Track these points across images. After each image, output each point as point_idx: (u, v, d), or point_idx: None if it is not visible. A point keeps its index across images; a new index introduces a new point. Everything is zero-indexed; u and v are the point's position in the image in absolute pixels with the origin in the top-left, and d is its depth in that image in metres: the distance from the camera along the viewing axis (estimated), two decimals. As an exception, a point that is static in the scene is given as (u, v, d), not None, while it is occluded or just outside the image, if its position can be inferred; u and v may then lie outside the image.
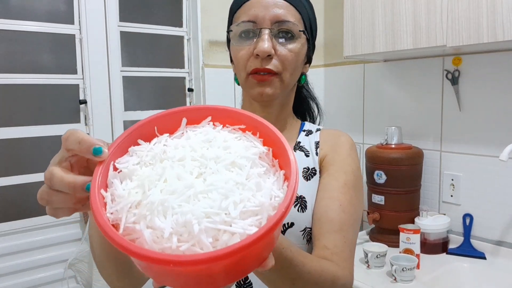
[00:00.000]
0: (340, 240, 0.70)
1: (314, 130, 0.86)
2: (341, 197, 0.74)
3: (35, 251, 1.59)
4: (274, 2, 0.74)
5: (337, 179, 0.76)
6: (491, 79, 1.49)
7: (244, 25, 0.74)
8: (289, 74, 0.76)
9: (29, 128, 1.61)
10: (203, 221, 0.35)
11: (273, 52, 0.72)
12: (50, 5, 1.65)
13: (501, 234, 1.50)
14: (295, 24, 0.75)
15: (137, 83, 1.90)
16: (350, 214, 0.73)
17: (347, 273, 0.68)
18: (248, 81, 0.76)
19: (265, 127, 0.44)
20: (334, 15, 2.06)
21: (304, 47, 0.78)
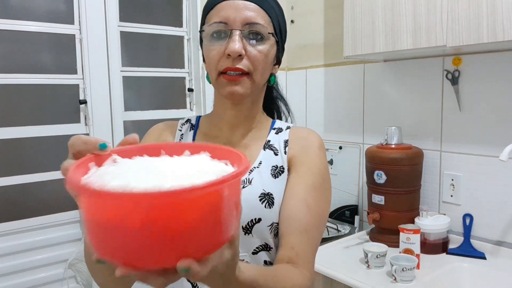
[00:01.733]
0: (305, 241, 0.74)
1: (284, 128, 0.89)
2: (309, 199, 0.77)
3: (35, 251, 1.59)
4: (245, 5, 0.77)
5: (305, 179, 0.79)
6: (491, 79, 1.49)
7: (216, 26, 0.77)
8: (259, 74, 0.79)
9: (29, 128, 1.61)
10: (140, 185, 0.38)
11: (243, 53, 0.75)
12: (50, 5, 1.65)
13: (501, 234, 1.50)
14: (265, 27, 0.78)
15: (137, 83, 1.90)
16: (317, 216, 0.77)
17: (310, 277, 0.73)
18: (219, 80, 0.78)
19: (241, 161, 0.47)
20: (334, 15, 2.06)
21: (273, 48, 0.81)
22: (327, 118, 2.14)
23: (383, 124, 1.80)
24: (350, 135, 2.01)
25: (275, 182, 0.80)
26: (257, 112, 0.87)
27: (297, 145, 0.84)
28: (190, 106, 2.06)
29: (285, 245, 0.73)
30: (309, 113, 2.23)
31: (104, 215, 0.38)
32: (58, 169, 0.48)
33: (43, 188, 1.62)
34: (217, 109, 0.87)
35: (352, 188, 2.02)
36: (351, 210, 2.00)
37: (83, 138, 0.50)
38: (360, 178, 1.98)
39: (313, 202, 0.77)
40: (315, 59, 2.18)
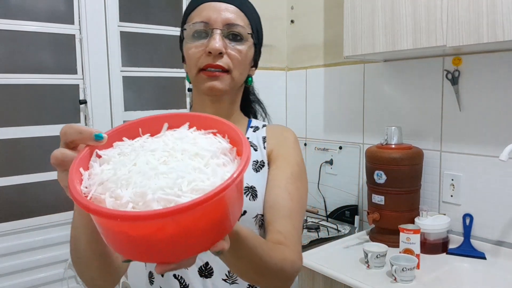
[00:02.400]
0: (290, 225, 0.78)
1: (260, 126, 0.94)
2: (289, 187, 0.82)
3: (35, 251, 1.59)
4: (226, 7, 0.82)
5: (284, 170, 0.84)
6: (491, 79, 1.49)
7: (198, 25, 0.80)
8: (238, 72, 0.83)
9: (29, 128, 1.61)
10: (157, 193, 0.40)
11: (224, 50, 0.79)
12: (50, 5, 1.65)
13: (501, 234, 1.50)
14: (244, 28, 0.82)
15: (137, 83, 1.90)
16: (298, 201, 0.82)
17: (299, 256, 0.77)
18: (199, 76, 0.81)
19: (232, 130, 0.50)
20: (334, 15, 2.06)
21: (251, 49, 0.85)
22: (327, 118, 2.13)
23: (383, 124, 1.80)
24: (350, 135, 2.01)
25: (257, 175, 0.85)
26: (235, 111, 0.91)
27: (275, 140, 0.90)
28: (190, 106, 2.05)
29: (272, 230, 0.77)
30: (309, 113, 2.23)
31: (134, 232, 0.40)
32: (58, 169, 0.48)
33: (43, 188, 1.62)
34: (196, 108, 0.90)
35: (352, 188, 2.02)
36: (351, 210, 2.00)
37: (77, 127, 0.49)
38: (360, 178, 1.98)
39: (293, 190, 0.82)
40: (315, 59, 2.18)
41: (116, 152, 0.48)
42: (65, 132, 0.49)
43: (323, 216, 2.13)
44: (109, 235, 0.43)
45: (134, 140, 0.50)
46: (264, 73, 2.23)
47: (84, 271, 0.69)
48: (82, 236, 0.63)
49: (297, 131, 2.30)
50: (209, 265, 0.82)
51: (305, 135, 2.26)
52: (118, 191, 0.41)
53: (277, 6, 2.30)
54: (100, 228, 0.44)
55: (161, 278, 0.85)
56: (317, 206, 2.20)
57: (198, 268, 0.82)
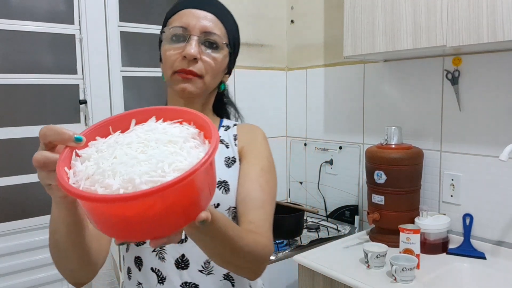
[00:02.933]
0: (262, 215, 0.83)
1: (231, 125, 1.00)
2: (260, 180, 0.88)
3: (35, 251, 1.59)
4: (205, 15, 0.86)
5: (254, 165, 0.90)
6: (491, 79, 1.49)
7: (176, 30, 0.86)
8: (210, 78, 0.87)
9: (29, 128, 1.61)
10: (143, 177, 0.45)
11: (198, 56, 0.84)
12: (50, 5, 1.65)
13: (501, 234, 1.50)
14: (221, 37, 0.87)
15: (137, 83, 1.90)
16: (268, 193, 0.88)
17: (271, 242, 0.82)
18: (173, 78, 0.86)
19: (198, 117, 0.55)
20: (334, 15, 2.06)
21: (226, 58, 0.90)
22: (327, 118, 2.13)
23: (383, 124, 1.80)
24: (350, 135, 2.01)
25: (229, 171, 0.91)
26: (207, 112, 0.97)
27: (245, 138, 0.96)
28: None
29: (244, 221, 0.82)
30: (309, 113, 2.23)
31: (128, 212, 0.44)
32: (58, 169, 0.50)
33: (43, 188, 1.62)
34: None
35: (352, 188, 2.02)
36: (351, 210, 2.00)
37: (56, 128, 0.52)
38: (360, 178, 1.98)
39: (264, 182, 0.88)
40: (315, 59, 2.18)
41: (94, 150, 0.51)
42: (44, 133, 0.53)
43: (323, 216, 2.13)
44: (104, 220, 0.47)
45: (107, 138, 0.54)
46: (264, 73, 2.23)
47: (64, 263, 0.71)
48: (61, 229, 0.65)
49: (297, 131, 2.31)
50: (185, 257, 0.85)
51: (305, 135, 2.26)
52: (106, 181, 0.45)
53: (277, 6, 2.30)
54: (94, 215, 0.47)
55: (139, 272, 0.88)
56: (317, 206, 2.20)
57: (174, 260, 0.85)
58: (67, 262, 0.70)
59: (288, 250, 1.72)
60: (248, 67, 2.15)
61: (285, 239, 1.77)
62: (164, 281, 0.85)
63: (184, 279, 0.85)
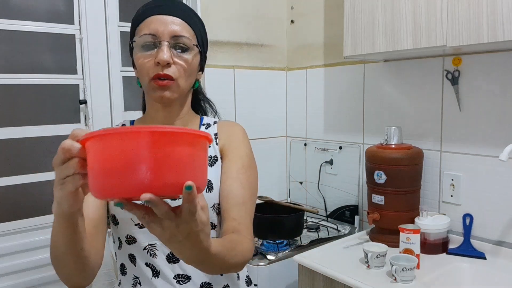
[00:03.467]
0: (243, 211, 0.89)
1: (212, 123, 1.03)
2: (241, 177, 0.93)
3: (35, 251, 1.59)
4: (172, 20, 0.90)
5: (235, 163, 0.95)
6: (491, 79, 1.49)
7: (146, 38, 0.88)
8: (184, 80, 0.91)
9: (29, 128, 1.61)
10: None
11: (171, 61, 0.87)
12: (50, 5, 1.65)
13: (501, 234, 1.50)
14: (189, 39, 0.90)
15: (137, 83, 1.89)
16: (249, 189, 0.93)
17: (252, 242, 0.87)
18: (150, 85, 0.90)
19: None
20: (334, 15, 2.06)
21: (197, 57, 0.93)
22: (327, 118, 2.14)
23: (383, 124, 1.80)
24: (350, 135, 2.01)
25: (211, 170, 0.95)
26: (186, 112, 1.00)
27: (225, 136, 0.99)
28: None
29: (227, 218, 0.87)
30: (309, 113, 2.23)
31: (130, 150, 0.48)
32: (58, 169, 0.49)
33: (43, 188, 1.62)
34: (150, 111, 1.00)
35: (352, 188, 2.02)
36: (351, 210, 2.00)
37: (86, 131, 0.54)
38: (360, 178, 1.98)
39: (244, 179, 0.93)
40: (315, 59, 2.18)
41: None
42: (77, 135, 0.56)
43: (323, 216, 2.13)
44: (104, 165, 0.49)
45: None
46: (264, 73, 2.23)
47: (62, 269, 0.75)
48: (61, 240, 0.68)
49: (297, 131, 2.31)
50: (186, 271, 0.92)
51: (305, 135, 2.26)
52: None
53: (277, 6, 2.30)
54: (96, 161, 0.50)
55: (134, 267, 0.93)
56: (317, 206, 2.20)
57: (165, 255, 0.91)
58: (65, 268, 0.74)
59: (288, 250, 1.72)
60: (248, 67, 2.15)
61: (285, 239, 1.77)
62: (159, 274, 0.91)
63: (177, 272, 0.91)
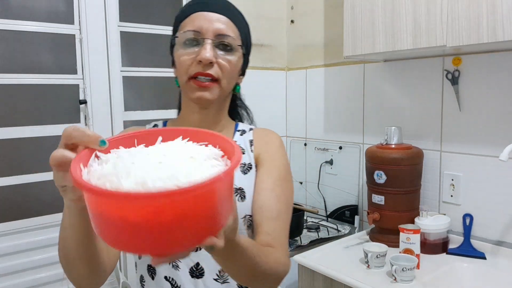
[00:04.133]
0: (278, 226, 0.83)
1: (247, 130, 0.97)
2: (276, 189, 0.86)
3: (35, 251, 1.59)
4: (218, 18, 0.84)
5: (271, 173, 0.88)
6: (491, 79, 1.49)
7: (189, 34, 0.83)
8: (227, 81, 0.85)
9: (29, 128, 1.61)
10: (157, 182, 0.42)
11: (214, 60, 0.82)
12: (50, 5, 1.65)
13: (501, 234, 1.50)
14: (234, 39, 0.85)
15: (137, 83, 1.90)
16: (285, 203, 0.86)
17: (288, 259, 0.82)
18: (188, 84, 0.84)
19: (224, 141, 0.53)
20: (334, 15, 2.06)
21: (240, 60, 0.88)
22: (327, 118, 2.13)
23: (383, 124, 1.80)
24: (350, 135, 2.01)
25: (245, 177, 0.88)
26: (223, 117, 0.94)
27: (261, 144, 0.93)
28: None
29: (261, 232, 0.80)
30: (309, 113, 2.23)
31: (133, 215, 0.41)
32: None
33: (43, 188, 1.62)
34: (184, 113, 0.93)
35: (352, 188, 2.02)
36: (351, 210, 2.00)
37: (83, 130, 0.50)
38: (360, 178, 1.98)
39: (280, 192, 0.86)
40: (315, 59, 2.18)
41: (115, 156, 0.49)
42: (70, 134, 0.51)
43: (323, 216, 2.13)
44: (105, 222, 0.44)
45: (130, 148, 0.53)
46: (264, 73, 2.23)
47: (71, 270, 0.70)
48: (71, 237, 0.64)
49: (297, 131, 2.30)
50: (200, 265, 0.84)
51: (305, 135, 2.26)
52: (118, 181, 0.43)
53: (277, 6, 2.30)
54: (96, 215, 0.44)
55: (152, 280, 0.86)
56: (317, 206, 2.20)
57: (189, 268, 0.83)
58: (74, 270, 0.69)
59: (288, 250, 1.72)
60: (248, 67, 2.15)
61: (285, 239, 1.77)
62: None
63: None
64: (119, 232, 0.43)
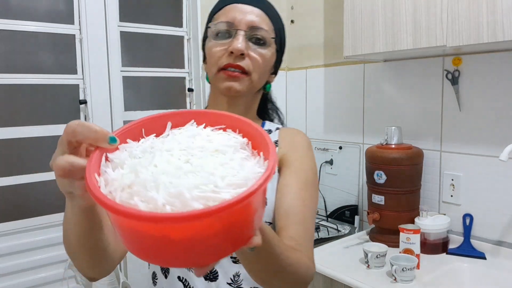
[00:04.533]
0: (303, 231, 0.77)
1: (273, 129, 0.92)
2: (303, 193, 0.81)
3: (35, 251, 1.59)
4: (251, 10, 0.82)
5: (298, 176, 0.83)
6: (491, 79, 1.49)
7: (222, 25, 0.81)
8: (257, 76, 0.82)
9: (29, 128, 1.61)
10: (194, 191, 0.37)
11: (246, 52, 0.79)
12: (50, 5, 1.65)
13: (501, 234, 1.50)
14: (268, 32, 0.82)
15: (137, 83, 1.90)
16: (310, 208, 0.81)
17: (313, 263, 0.77)
18: (218, 75, 0.81)
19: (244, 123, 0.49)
20: (334, 15, 2.06)
21: (273, 55, 0.85)
22: (327, 118, 2.13)
23: (383, 124, 1.80)
24: (350, 135, 2.01)
25: None
26: (251, 116, 0.90)
27: (287, 145, 0.88)
28: (190, 106, 2.06)
29: (285, 236, 0.75)
30: (309, 113, 2.23)
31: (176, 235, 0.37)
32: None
33: (43, 188, 1.62)
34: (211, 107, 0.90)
35: (352, 188, 2.02)
36: (351, 210, 2.00)
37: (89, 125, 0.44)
38: (360, 178, 1.98)
39: (307, 196, 0.81)
40: (315, 59, 2.18)
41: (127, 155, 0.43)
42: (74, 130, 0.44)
43: (323, 216, 2.13)
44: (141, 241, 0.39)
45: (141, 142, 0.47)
46: (264, 73, 2.23)
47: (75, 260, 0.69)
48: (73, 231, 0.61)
49: (297, 131, 2.30)
50: (214, 268, 0.82)
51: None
52: (149, 194, 0.37)
53: (277, 6, 2.28)
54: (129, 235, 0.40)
55: (164, 279, 0.85)
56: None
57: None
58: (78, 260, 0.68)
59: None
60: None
61: (285, 239, 1.77)
62: None
63: None
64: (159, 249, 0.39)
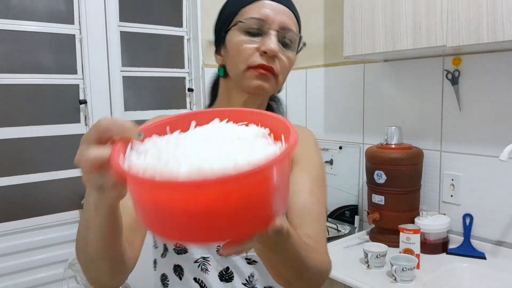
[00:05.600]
0: (319, 229, 0.79)
1: None
2: (316, 190, 0.81)
3: (35, 251, 1.59)
4: (283, 9, 0.80)
5: (310, 173, 0.82)
6: (491, 79, 1.49)
7: (253, 22, 0.77)
8: (283, 78, 0.81)
9: (29, 128, 1.61)
10: (214, 164, 0.38)
11: (278, 55, 0.77)
12: (50, 5, 1.65)
13: (501, 234, 1.50)
14: (296, 34, 0.82)
15: (137, 83, 1.90)
16: (323, 205, 0.82)
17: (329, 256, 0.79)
18: (247, 73, 0.78)
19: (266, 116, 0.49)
20: (334, 15, 2.06)
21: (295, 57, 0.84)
22: (327, 118, 2.13)
23: (383, 124, 1.80)
24: (350, 135, 2.01)
25: None
26: None
27: None
28: (190, 106, 2.06)
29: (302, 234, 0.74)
30: (309, 113, 2.23)
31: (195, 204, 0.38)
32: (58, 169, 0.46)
33: (43, 188, 1.62)
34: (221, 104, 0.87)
35: (352, 188, 2.02)
36: (351, 210, 2.00)
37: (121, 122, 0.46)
38: (360, 178, 1.98)
39: (319, 193, 0.82)
40: (315, 59, 2.18)
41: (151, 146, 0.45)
42: (107, 127, 0.45)
43: (323, 216, 2.13)
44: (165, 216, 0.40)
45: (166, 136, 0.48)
46: (264, 73, 2.22)
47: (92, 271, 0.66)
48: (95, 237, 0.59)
49: (297, 131, 2.30)
50: (229, 269, 0.82)
51: (305, 135, 2.26)
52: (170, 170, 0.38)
53: (277, 6, 2.29)
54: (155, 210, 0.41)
55: (179, 281, 0.83)
56: (317, 206, 2.20)
57: (218, 272, 0.81)
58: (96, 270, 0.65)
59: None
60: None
61: (285, 239, 1.77)
62: None
63: None
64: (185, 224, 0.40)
